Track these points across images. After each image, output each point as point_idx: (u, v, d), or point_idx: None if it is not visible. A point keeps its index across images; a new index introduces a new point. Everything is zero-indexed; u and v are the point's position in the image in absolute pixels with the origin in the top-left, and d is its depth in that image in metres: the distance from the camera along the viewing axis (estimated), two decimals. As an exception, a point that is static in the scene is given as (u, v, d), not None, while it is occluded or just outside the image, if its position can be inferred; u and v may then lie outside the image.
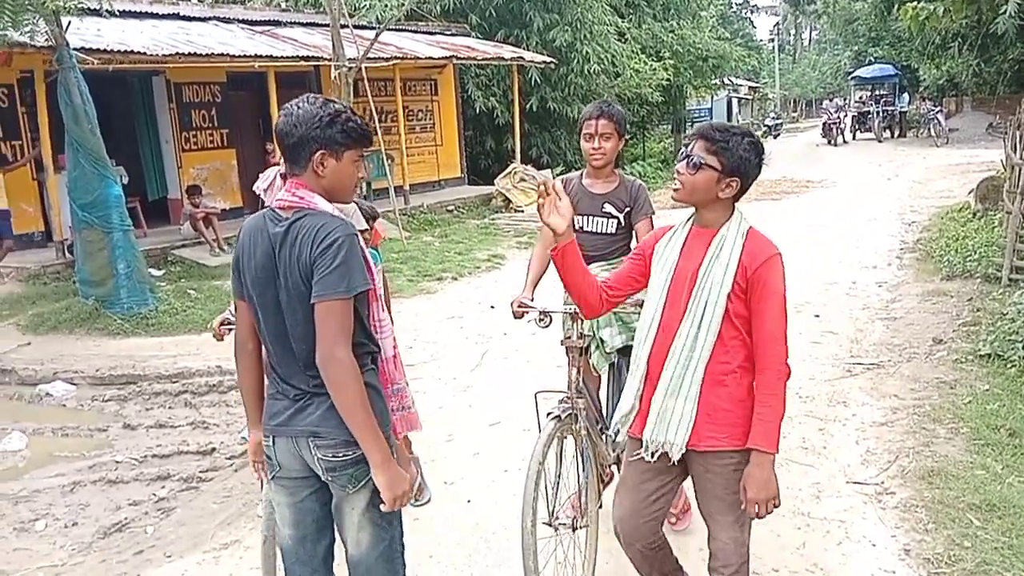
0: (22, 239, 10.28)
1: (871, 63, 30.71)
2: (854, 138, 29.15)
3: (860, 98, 32.27)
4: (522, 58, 15.96)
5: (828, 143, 27.86)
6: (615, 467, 3.51)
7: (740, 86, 39.45)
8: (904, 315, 7.21)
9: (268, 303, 2.28)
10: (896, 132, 28.68)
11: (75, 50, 8.13)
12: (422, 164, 16.21)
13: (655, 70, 19.21)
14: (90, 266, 8.16)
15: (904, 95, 29.68)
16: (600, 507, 3.36)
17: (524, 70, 16.55)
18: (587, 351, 3.48)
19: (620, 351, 3.58)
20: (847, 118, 29.94)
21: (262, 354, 2.45)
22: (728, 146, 2.42)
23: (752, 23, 54.70)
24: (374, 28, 12.21)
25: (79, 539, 4.13)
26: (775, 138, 33.12)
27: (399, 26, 14.73)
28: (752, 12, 56.25)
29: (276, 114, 2.33)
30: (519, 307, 3.41)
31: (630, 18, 20.49)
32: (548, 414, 3.11)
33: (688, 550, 3.53)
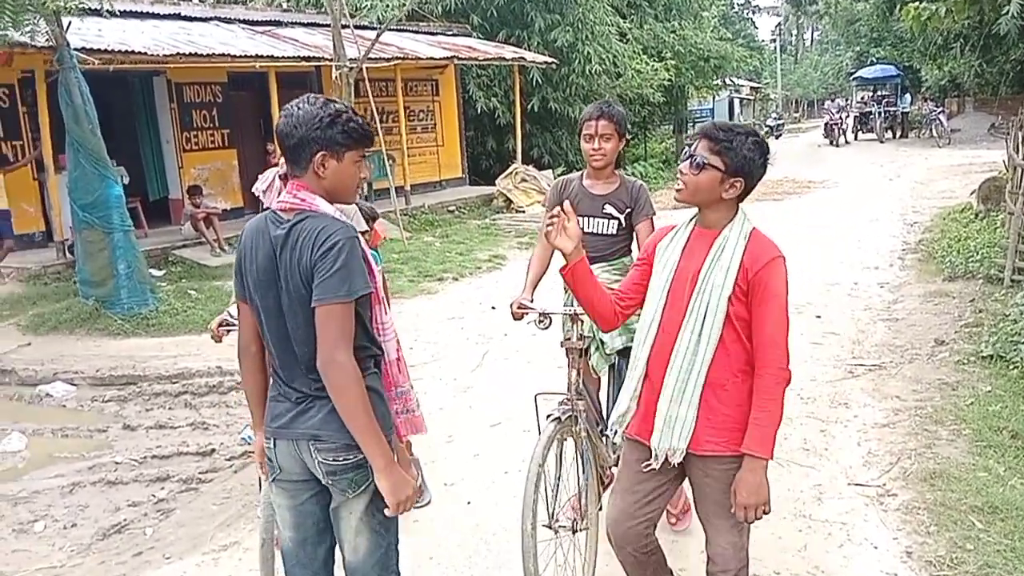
0: (23, 239, 10.28)
1: (873, 63, 30.70)
2: (856, 138, 29.11)
3: (862, 98, 32.23)
4: (523, 58, 15.95)
5: (830, 143, 27.82)
6: (615, 469, 3.49)
7: (742, 86, 39.43)
8: (906, 316, 7.19)
9: (270, 306, 2.26)
10: (898, 133, 28.66)
11: (76, 50, 8.13)
12: (423, 164, 16.20)
13: (657, 70, 19.21)
14: (91, 266, 8.15)
15: (906, 96, 29.65)
16: (600, 509, 3.34)
17: (525, 70, 16.55)
18: (587, 352, 3.47)
19: (620, 352, 3.56)
20: (849, 119, 29.89)
21: (266, 357, 2.43)
22: (732, 146, 2.37)
23: (754, 23, 54.72)
24: (375, 28, 12.21)
25: (78, 540, 4.12)
26: (777, 138, 33.09)
27: (400, 26, 14.72)
28: (754, 12, 56.26)
29: (277, 114, 2.31)
30: (519, 308, 3.40)
31: (632, 18, 20.47)
32: (548, 416, 3.09)
33: (688, 552, 3.52)
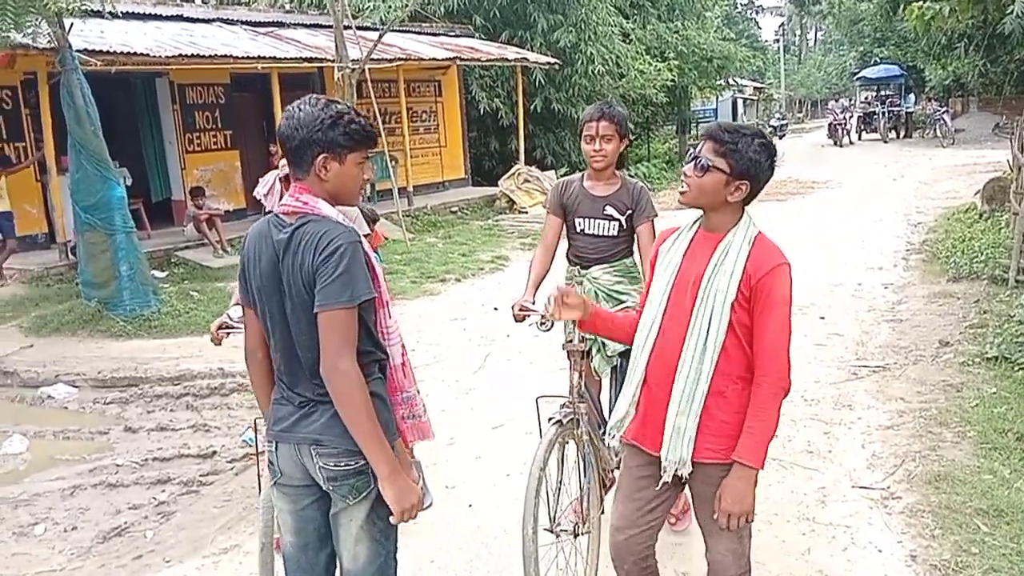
0: (25, 241, 10.28)
1: (877, 63, 30.62)
2: (859, 139, 29.08)
3: (866, 99, 32.19)
4: (526, 59, 15.93)
5: (834, 144, 27.74)
6: (617, 471, 3.47)
7: (745, 87, 39.36)
8: (910, 317, 7.16)
9: (274, 311, 2.24)
10: (902, 133, 28.65)
11: (78, 52, 8.12)
12: (426, 165, 16.19)
13: (659, 71, 19.18)
14: (93, 268, 8.15)
15: (910, 96, 29.62)
16: (602, 513, 3.32)
17: (528, 71, 16.52)
18: (589, 355, 3.45)
19: (622, 354, 3.53)
20: (852, 119, 29.82)
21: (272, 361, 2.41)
22: (737, 148, 2.32)
23: (757, 23, 54.56)
24: (378, 29, 12.21)
25: (78, 543, 4.12)
26: (780, 139, 32.99)
27: (403, 27, 14.72)
28: (757, 13, 56.12)
29: (280, 115, 2.29)
30: (520, 310, 3.37)
31: (634, 19, 20.43)
32: (550, 419, 3.07)
33: (691, 555, 3.49)
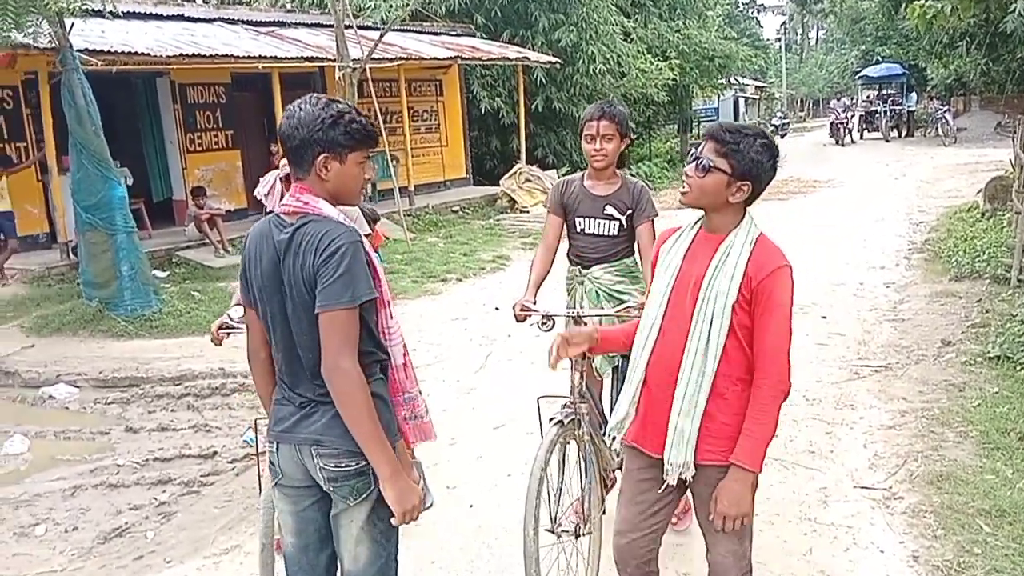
0: (27, 241, 10.28)
1: (878, 62, 30.55)
2: (861, 137, 29.03)
3: (867, 97, 32.15)
4: (527, 58, 15.92)
5: (835, 143, 27.69)
6: (618, 472, 3.47)
7: (747, 86, 39.29)
8: (912, 316, 7.15)
9: (275, 311, 2.23)
10: (904, 131, 28.59)
11: (79, 51, 8.12)
12: (427, 165, 16.18)
13: (661, 70, 19.16)
14: (94, 268, 8.14)
15: (912, 94, 29.56)
16: (604, 513, 3.32)
17: (529, 70, 16.51)
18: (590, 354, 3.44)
19: (623, 355, 3.53)
20: (854, 117, 29.77)
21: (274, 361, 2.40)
22: (739, 148, 2.30)
23: (759, 22, 54.44)
24: (379, 29, 12.21)
25: (79, 544, 4.12)
26: (782, 138, 32.95)
27: (404, 27, 14.71)
28: (758, 11, 56.07)
29: (281, 115, 2.27)
30: (521, 310, 3.37)
31: (636, 18, 20.41)
32: (551, 419, 3.07)
33: (691, 555, 3.49)
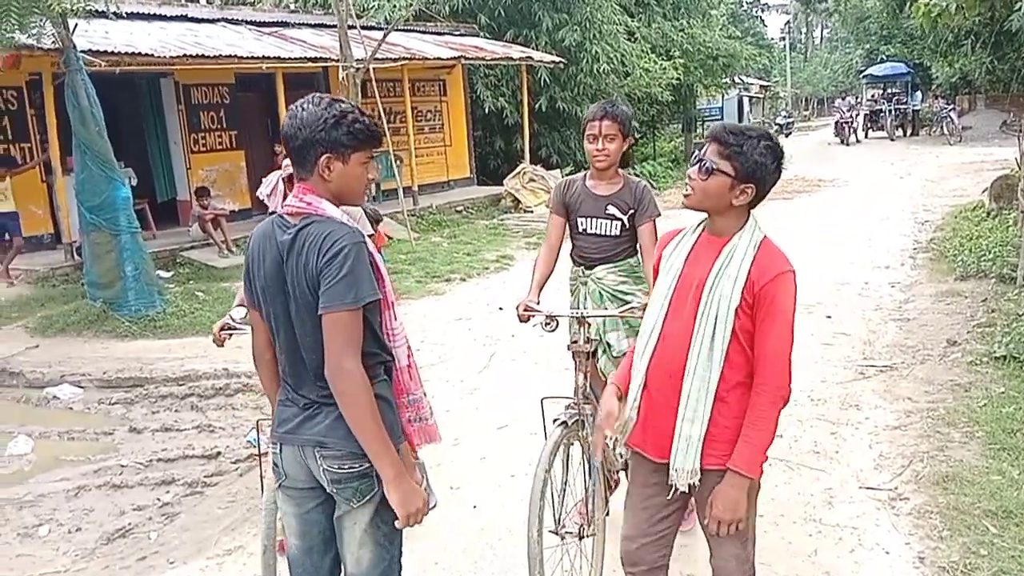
0: (31, 241, 10.31)
1: (883, 61, 30.50)
2: (866, 137, 28.97)
3: (872, 96, 32.09)
4: (531, 58, 15.91)
5: (840, 142, 27.66)
6: (623, 473, 3.45)
7: (751, 85, 39.20)
8: (917, 316, 7.12)
9: (278, 312, 2.22)
10: (909, 130, 28.53)
11: (82, 52, 8.12)
12: (431, 165, 16.18)
13: (665, 69, 19.10)
14: (98, 268, 8.15)
15: (917, 93, 29.50)
16: (607, 515, 3.30)
17: (533, 70, 16.50)
18: (594, 355, 3.43)
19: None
20: (859, 117, 29.70)
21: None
22: (742, 150, 2.27)
23: (763, 21, 54.45)
24: (382, 29, 12.21)
25: (82, 545, 4.11)
26: (787, 137, 32.92)
27: (407, 27, 14.71)
28: (763, 10, 56.05)
29: (284, 115, 2.26)
30: (525, 311, 3.35)
31: (640, 17, 20.37)
32: (554, 420, 3.06)
33: (696, 556, 3.47)
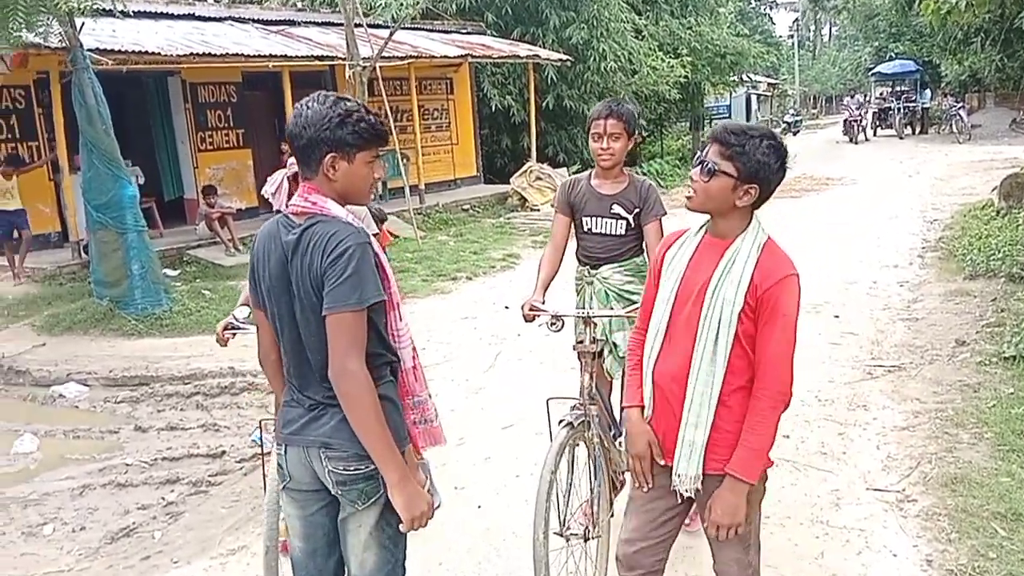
0: (39, 239, 10.33)
1: (892, 59, 30.38)
2: (875, 135, 28.86)
3: (881, 94, 31.96)
4: (538, 56, 15.88)
5: (849, 140, 27.54)
6: (628, 474, 3.43)
7: (759, 83, 39.15)
8: (926, 316, 7.07)
9: (283, 313, 2.20)
10: (917, 129, 28.42)
11: (89, 51, 8.14)
12: (437, 163, 16.17)
13: (672, 67, 19.06)
14: (105, 267, 8.18)
15: (926, 91, 29.37)
16: (612, 516, 3.28)
17: (540, 68, 16.46)
18: (600, 355, 3.40)
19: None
20: (868, 115, 29.59)
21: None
22: (745, 150, 2.23)
23: (771, 19, 54.07)
24: (389, 27, 12.19)
25: (86, 544, 4.11)
26: (795, 135, 32.87)
27: (414, 25, 14.70)
28: (771, 8, 55.64)
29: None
30: (530, 310, 3.32)
31: (647, 15, 20.31)
32: (560, 421, 3.03)
33: (702, 559, 3.44)
